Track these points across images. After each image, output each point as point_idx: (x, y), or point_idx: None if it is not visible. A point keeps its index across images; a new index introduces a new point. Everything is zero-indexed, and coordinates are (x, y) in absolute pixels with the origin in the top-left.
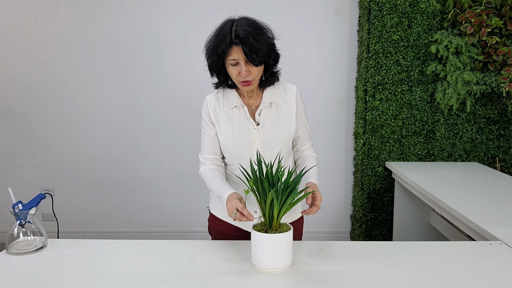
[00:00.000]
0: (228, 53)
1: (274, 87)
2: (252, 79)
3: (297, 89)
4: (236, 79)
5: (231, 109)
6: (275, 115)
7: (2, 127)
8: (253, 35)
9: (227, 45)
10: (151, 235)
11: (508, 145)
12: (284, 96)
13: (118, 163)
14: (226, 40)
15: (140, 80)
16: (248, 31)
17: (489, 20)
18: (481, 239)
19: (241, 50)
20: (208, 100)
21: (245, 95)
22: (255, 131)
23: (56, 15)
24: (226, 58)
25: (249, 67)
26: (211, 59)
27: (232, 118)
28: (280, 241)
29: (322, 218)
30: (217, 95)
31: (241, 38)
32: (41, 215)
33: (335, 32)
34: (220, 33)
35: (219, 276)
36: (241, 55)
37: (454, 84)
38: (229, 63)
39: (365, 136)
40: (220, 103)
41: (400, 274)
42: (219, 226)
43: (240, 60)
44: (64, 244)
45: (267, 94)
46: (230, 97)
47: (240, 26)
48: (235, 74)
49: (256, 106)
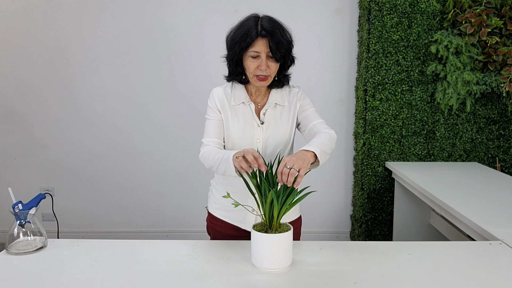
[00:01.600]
0: (251, 45)
1: (280, 89)
2: (269, 74)
3: (300, 90)
4: (253, 73)
5: (237, 104)
6: (279, 116)
7: (2, 127)
8: (279, 30)
9: (253, 36)
10: (151, 235)
11: (508, 145)
12: (288, 97)
13: (118, 163)
14: (251, 32)
15: (140, 80)
16: (275, 26)
17: (489, 20)
18: (481, 239)
19: (266, 43)
20: (216, 92)
21: (253, 93)
22: (258, 129)
23: (56, 15)
24: (248, 50)
25: (269, 62)
26: (232, 49)
27: (238, 113)
28: (280, 241)
29: (322, 218)
30: (225, 89)
31: (268, 31)
32: (41, 215)
33: (335, 32)
34: (245, 26)
35: (219, 276)
36: (265, 48)
37: (454, 84)
38: (250, 55)
39: (365, 136)
40: (227, 97)
41: (400, 274)
42: (218, 226)
43: (262, 54)
44: (64, 244)
45: (274, 95)
46: (238, 93)
47: (266, 21)
48: (253, 67)
49: (262, 105)
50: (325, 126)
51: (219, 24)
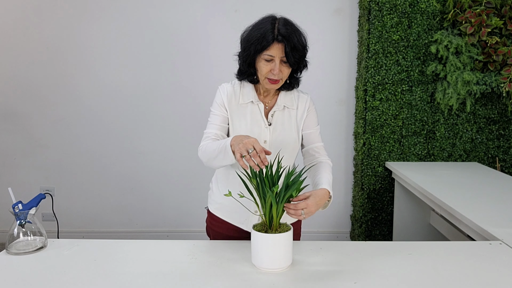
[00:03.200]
0: (267, 49)
1: (289, 92)
2: (281, 78)
3: (310, 98)
4: (265, 75)
5: (246, 103)
6: (287, 118)
7: (2, 127)
8: (296, 35)
9: (270, 41)
10: (151, 235)
11: (508, 145)
12: (297, 101)
13: (118, 163)
14: (268, 36)
15: (140, 80)
16: (291, 31)
17: (489, 20)
18: (481, 239)
19: (281, 48)
20: (225, 88)
21: (261, 93)
22: (266, 130)
23: (56, 14)
24: (262, 53)
25: (282, 66)
26: (247, 51)
27: (245, 112)
28: (280, 241)
29: (322, 218)
30: (234, 86)
31: (285, 36)
32: (41, 215)
33: (335, 32)
34: (261, 27)
35: (219, 276)
36: (280, 53)
37: (454, 84)
38: (263, 58)
39: (365, 136)
40: (236, 95)
41: (400, 274)
42: (218, 226)
43: (276, 58)
44: (64, 244)
45: (282, 97)
46: (247, 91)
47: (284, 25)
48: (266, 70)
49: (270, 107)
50: (324, 153)
51: (220, 24)
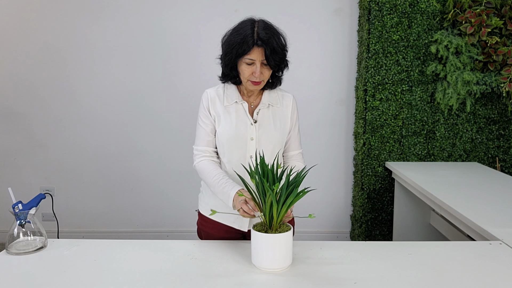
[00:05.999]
0: (247, 53)
1: (273, 91)
2: (262, 79)
3: (293, 97)
4: (247, 78)
5: (230, 104)
6: (271, 116)
7: (2, 127)
8: (275, 39)
9: (250, 45)
10: (151, 235)
11: (508, 145)
12: (281, 100)
13: (118, 163)
14: (248, 41)
15: (140, 80)
16: (271, 35)
17: (489, 20)
18: (481, 239)
19: (261, 52)
20: (208, 94)
21: (245, 93)
22: (252, 128)
23: (56, 14)
24: (243, 57)
25: (263, 68)
26: (228, 56)
27: (231, 112)
28: (280, 241)
29: (322, 218)
30: (217, 90)
31: (264, 41)
32: (41, 215)
33: (335, 32)
34: (241, 33)
35: (219, 276)
36: (260, 57)
37: (454, 84)
38: (244, 62)
39: (365, 136)
40: (220, 98)
41: (400, 274)
42: (209, 228)
43: (257, 61)
44: (64, 244)
45: (266, 96)
46: (230, 93)
47: (263, 28)
48: (248, 73)
49: (255, 105)
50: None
51: (219, 24)
